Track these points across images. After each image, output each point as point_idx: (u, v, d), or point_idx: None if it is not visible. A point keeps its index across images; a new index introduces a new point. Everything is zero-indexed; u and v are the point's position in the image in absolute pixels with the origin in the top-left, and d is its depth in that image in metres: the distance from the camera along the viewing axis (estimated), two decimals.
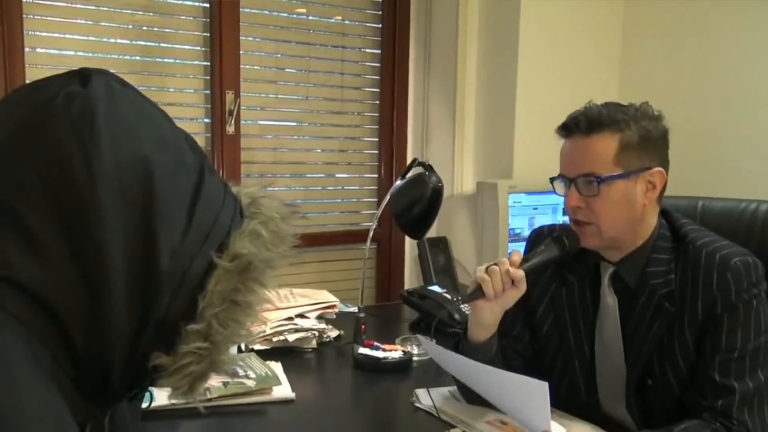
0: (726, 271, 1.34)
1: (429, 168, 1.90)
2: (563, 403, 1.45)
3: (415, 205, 1.88)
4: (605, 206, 1.39)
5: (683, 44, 2.53)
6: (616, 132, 1.38)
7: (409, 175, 1.95)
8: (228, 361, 0.78)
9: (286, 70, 2.65)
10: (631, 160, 1.38)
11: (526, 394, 1.28)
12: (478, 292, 1.42)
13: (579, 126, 1.40)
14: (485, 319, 1.45)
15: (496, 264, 1.43)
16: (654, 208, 1.44)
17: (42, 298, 0.68)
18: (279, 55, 2.63)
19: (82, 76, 0.74)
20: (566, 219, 1.53)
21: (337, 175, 2.83)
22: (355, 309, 2.06)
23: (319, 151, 2.76)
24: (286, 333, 1.87)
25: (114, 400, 0.81)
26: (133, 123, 0.74)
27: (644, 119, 1.40)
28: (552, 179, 1.48)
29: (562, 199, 1.47)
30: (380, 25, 2.80)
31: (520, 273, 1.41)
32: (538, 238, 1.63)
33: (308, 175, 2.78)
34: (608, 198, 1.38)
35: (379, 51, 2.81)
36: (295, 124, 2.71)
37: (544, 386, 1.22)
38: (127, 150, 0.72)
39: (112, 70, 1.97)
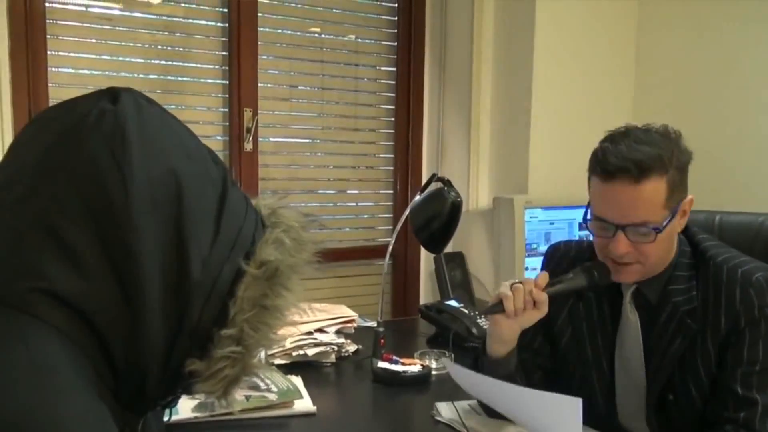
0: (748, 287, 1.35)
1: (448, 183, 1.92)
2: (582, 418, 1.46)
3: (434, 220, 1.89)
4: (656, 248, 1.37)
5: (698, 54, 2.53)
6: (663, 174, 1.33)
7: (428, 190, 1.96)
8: (259, 365, 0.81)
9: (299, 87, 2.68)
10: (675, 198, 1.36)
11: (557, 412, 1.27)
12: (498, 307, 1.42)
13: (628, 172, 1.32)
14: (503, 334, 1.45)
15: (521, 282, 1.42)
16: (681, 229, 1.44)
17: (82, 309, 0.70)
18: (293, 73, 2.66)
19: (111, 94, 0.77)
20: (583, 234, 1.52)
21: (353, 192, 2.86)
22: (372, 324, 2.07)
23: (334, 167, 2.78)
24: (305, 347, 1.88)
25: (149, 407, 0.83)
26: (161, 138, 0.77)
27: (675, 148, 1.36)
28: (587, 219, 1.42)
29: (580, 215, 1.45)
30: (395, 43, 2.83)
31: (544, 295, 1.41)
32: (555, 253, 1.64)
33: (324, 192, 2.81)
34: (659, 241, 1.36)
35: (394, 69, 2.84)
36: (310, 141, 2.73)
37: (576, 403, 1.21)
38: (158, 163, 0.74)
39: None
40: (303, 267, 0.84)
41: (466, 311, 2.15)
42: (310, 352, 1.88)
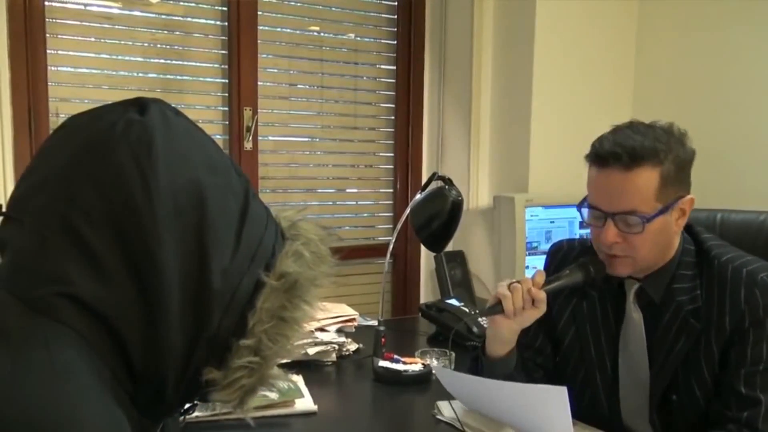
0: (754, 287, 1.34)
1: (448, 181, 1.92)
2: (585, 417, 1.46)
3: (434, 218, 1.89)
4: (645, 241, 1.36)
5: (698, 53, 2.53)
6: (657, 165, 1.33)
7: (429, 188, 1.96)
8: (275, 375, 0.81)
9: (299, 86, 2.68)
10: (669, 193, 1.35)
11: (545, 403, 1.28)
12: (497, 307, 1.43)
13: (619, 159, 1.32)
14: (502, 335, 1.45)
15: (518, 282, 1.43)
16: (680, 229, 1.44)
17: (102, 314, 0.71)
18: (292, 72, 2.66)
19: (139, 104, 0.78)
20: (584, 233, 1.53)
21: (353, 190, 2.86)
22: (373, 322, 2.07)
23: (333, 166, 2.78)
24: (306, 346, 1.87)
25: (166, 414, 0.83)
26: (186, 148, 0.78)
27: (676, 146, 1.36)
28: (580, 207, 1.44)
29: (582, 218, 1.45)
30: (395, 42, 2.83)
31: (542, 294, 1.41)
32: (557, 252, 1.64)
33: (324, 191, 2.81)
34: (649, 233, 1.35)
35: (394, 67, 2.84)
36: (310, 139, 2.73)
37: (562, 391, 1.21)
38: (182, 174, 0.75)
39: (132, 87, 2.00)
40: (321, 280, 0.85)
41: (467, 310, 2.15)
42: (311, 351, 1.88)
